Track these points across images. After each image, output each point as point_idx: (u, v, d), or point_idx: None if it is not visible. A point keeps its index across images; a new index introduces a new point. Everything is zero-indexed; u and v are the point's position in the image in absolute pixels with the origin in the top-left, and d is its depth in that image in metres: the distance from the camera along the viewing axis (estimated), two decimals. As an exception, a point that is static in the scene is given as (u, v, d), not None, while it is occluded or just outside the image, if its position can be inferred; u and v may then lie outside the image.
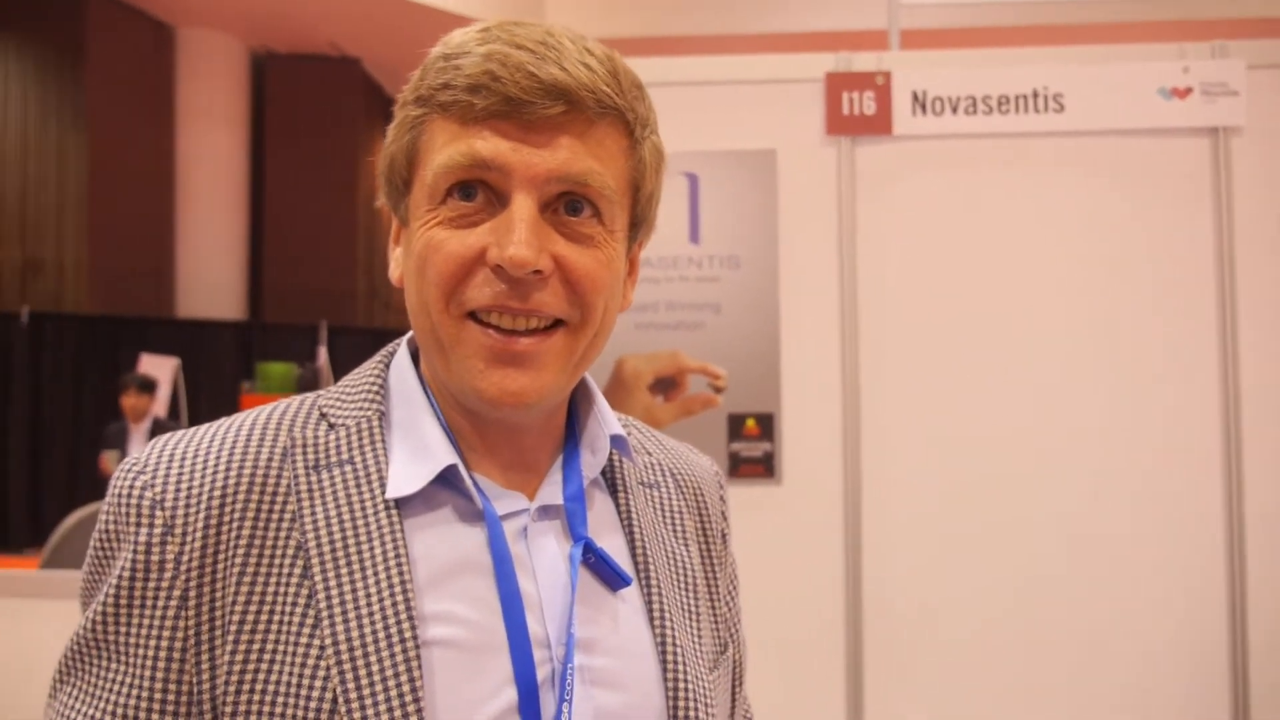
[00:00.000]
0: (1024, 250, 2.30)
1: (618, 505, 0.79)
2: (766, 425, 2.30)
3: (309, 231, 9.57)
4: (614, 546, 0.76)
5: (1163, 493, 2.23)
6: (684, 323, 2.34)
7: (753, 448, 2.29)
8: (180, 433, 0.72)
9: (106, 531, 0.69)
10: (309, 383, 7.14)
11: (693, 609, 0.78)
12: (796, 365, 2.30)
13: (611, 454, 0.79)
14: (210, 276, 9.19)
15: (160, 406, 6.43)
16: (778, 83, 2.34)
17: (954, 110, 2.31)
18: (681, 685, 0.73)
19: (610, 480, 0.80)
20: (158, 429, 5.81)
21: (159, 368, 6.79)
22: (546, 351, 0.69)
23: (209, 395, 8.24)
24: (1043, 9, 2.96)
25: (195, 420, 7.59)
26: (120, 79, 8.58)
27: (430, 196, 0.69)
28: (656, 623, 0.75)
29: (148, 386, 5.90)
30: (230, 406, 7.75)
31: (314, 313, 8.87)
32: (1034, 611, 2.22)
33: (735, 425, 2.30)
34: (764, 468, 2.29)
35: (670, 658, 0.74)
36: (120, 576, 0.67)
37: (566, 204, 0.69)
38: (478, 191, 0.68)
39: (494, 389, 0.68)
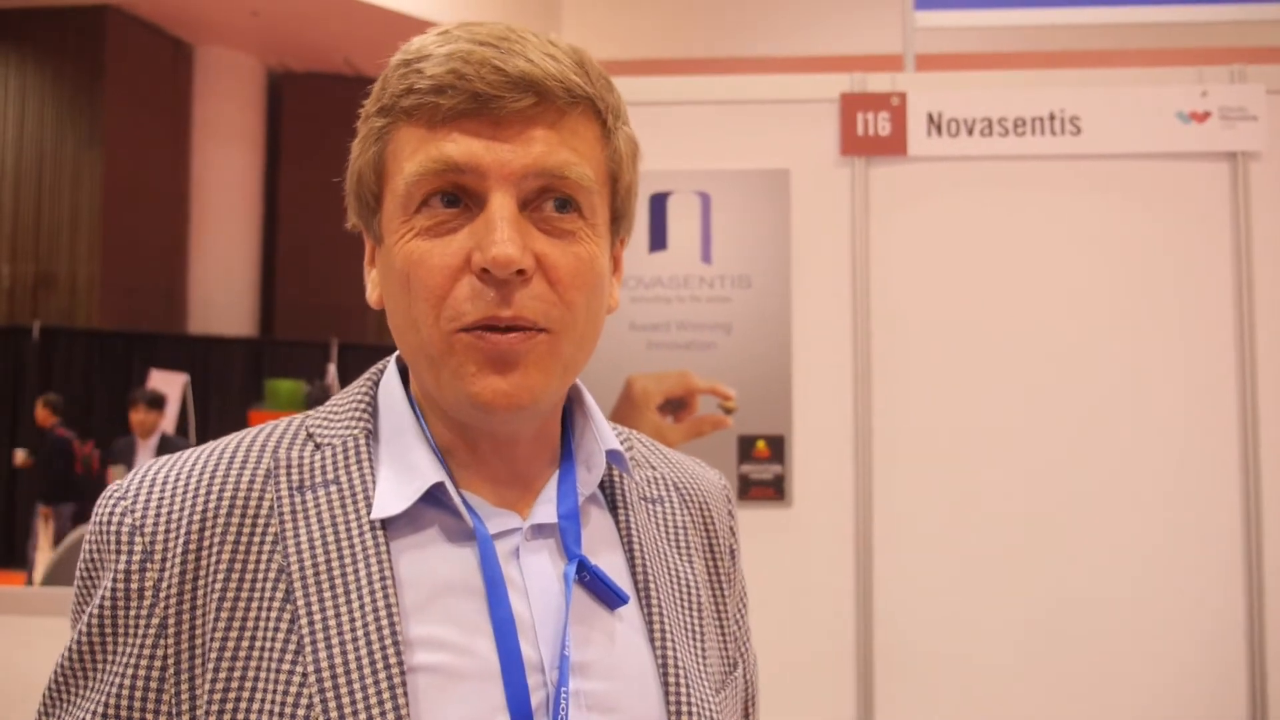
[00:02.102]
0: (1039, 274, 2.27)
1: (617, 522, 0.76)
2: (777, 447, 2.27)
3: (322, 249, 9.60)
4: (612, 564, 0.73)
5: (1180, 516, 2.19)
6: (695, 343, 2.31)
7: (763, 470, 2.26)
8: (165, 458, 0.70)
9: (89, 559, 0.67)
10: (318, 400, 7.13)
11: (696, 628, 0.75)
12: (808, 387, 2.28)
13: (611, 469, 0.77)
14: (222, 293, 9.23)
15: (169, 423, 6.43)
16: (792, 103, 2.33)
17: (969, 132, 2.29)
18: (685, 708, 0.70)
19: (610, 496, 0.77)
20: (165, 445, 5.81)
21: (168, 384, 6.79)
22: (531, 352, 0.66)
23: (218, 411, 8.25)
24: (1058, 35, 2.95)
25: (203, 437, 7.61)
26: (138, 96, 8.67)
27: (404, 207, 0.67)
28: (657, 643, 0.71)
29: (156, 403, 5.90)
30: (239, 422, 7.77)
31: (325, 330, 8.89)
32: (1048, 632, 2.18)
33: (745, 447, 2.27)
34: (774, 490, 2.26)
35: (672, 679, 0.71)
36: (101, 604, 0.65)
37: (546, 200, 0.67)
38: (453, 197, 0.66)
39: (488, 392, 0.66)
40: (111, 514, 0.66)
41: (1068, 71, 2.36)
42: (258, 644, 0.63)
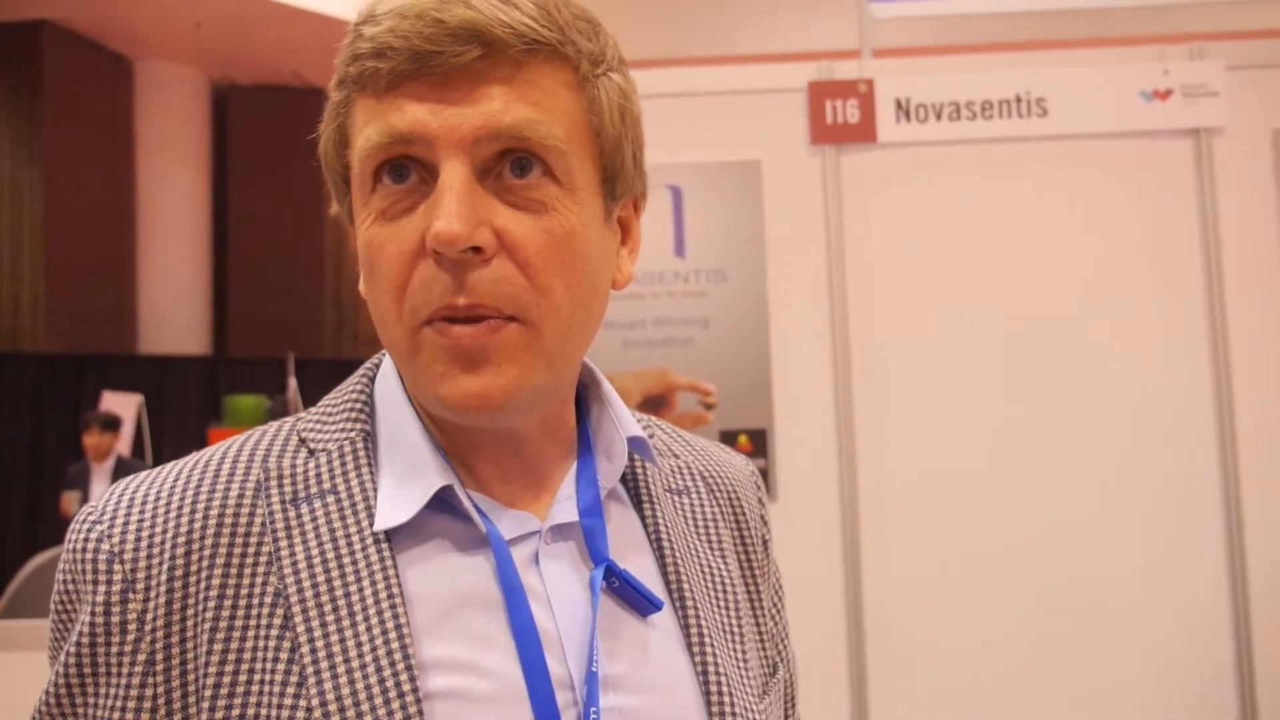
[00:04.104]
0: (1013, 255, 2.28)
1: (643, 518, 0.70)
2: (759, 441, 2.25)
3: (274, 264, 9.45)
4: (641, 566, 0.67)
5: (1160, 496, 2.20)
6: (672, 339, 2.28)
7: (746, 464, 2.23)
8: (143, 474, 0.64)
9: (64, 591, 0.61)
10: (279, 416, 6.99)
11: (735, 630, 0.70)
12: (788, 379, 2.25)
13: (634, 460, 0.71)
14: (173, 312, 9.04)
15: (124, 445, 6.26)
16: (760, 93, 2.31)
17: (938, 116, 2.29)
18: (729, 719, 0.65)
19: (634, 490, 0.71)
20: (121, 468, 5.65)
21: (122, 405, 6.62)
22: (501, 346, 0.59)
23: (174, 432, 8.06)
24: (1015, 26, 2.96)
25: (159, 459, 7.42)
26: (77, 112, 8.45)
27: (361, 188, 0.61)
28: (696, 650, 0.66)
29: (111, 425, 5.74)
30: (196, 442, 7.58)
31: (280, 346, 8.72)
32: (1036, 623, 2.18)
33: (727, 442, 2.25)
34: (758, 484, 2.23)
35: (714, 689, 0.65)
36: (80, 641, 0.59)
37: (511, 164, 0.59)
38: (409, 171, 0.59)
39: (456, 393, 0.59)
40: (86, 540, 0.60)
41: (1032, 54, 2.38)
42: (256, 676, 0.57)
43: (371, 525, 0.61)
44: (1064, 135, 2.28)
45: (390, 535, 0.61)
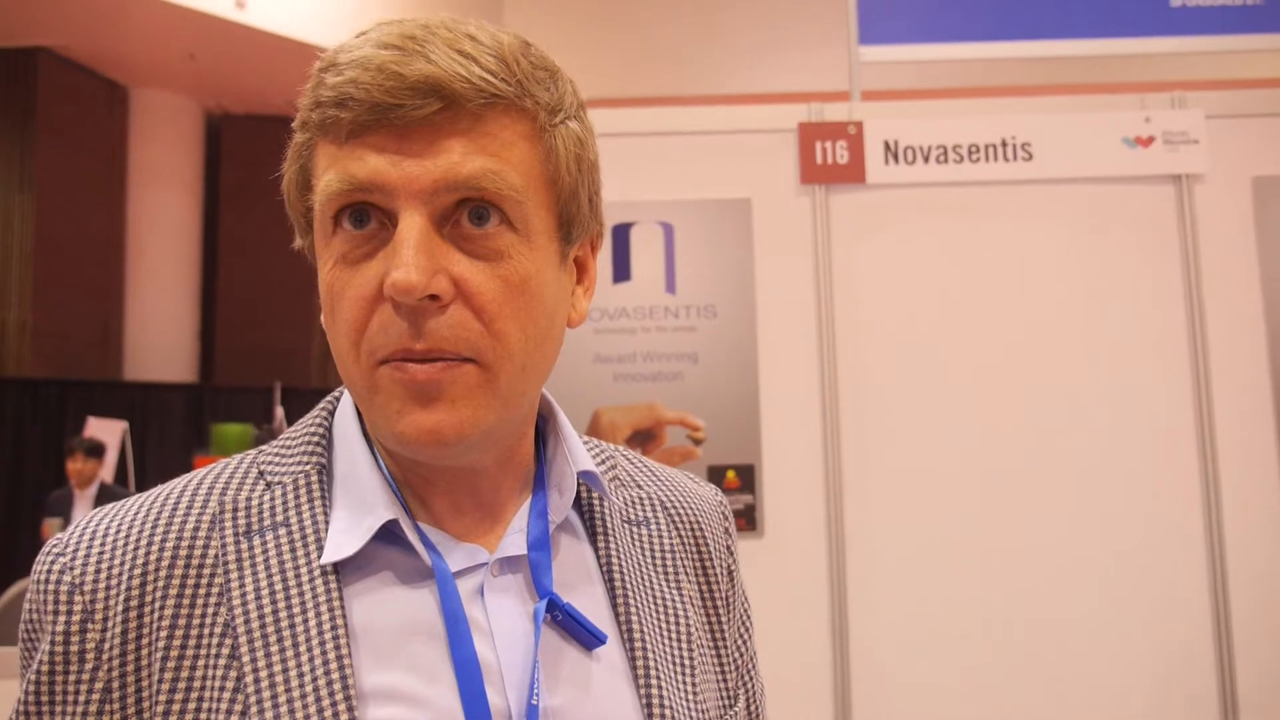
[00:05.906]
0: (998, 296, 2.31)
1: (596, 550, 0.71)
2: (747, 477, 2.26)
3: (263, 292, 9.43)
4: (591, 598, 0.68)
5: (1146, 534, 2.22)
6: (661, 373, 2.30)
7: (734, 500, 2.25)
8: (109, 506, 0.66)
9: (30, 621, 0.63)
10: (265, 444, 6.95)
11: (686, 662, 0.70)
12: (776, 415, 2.27)
13: (592, 492, 0.72)
14: (160, 339, 9.01)
15: (107, 472, 6.21)
16: (752, 133, 2.35)
17: (925, 159, 2.33)
18: None
19: (589, 522, 0.72)
20: (104, 495, 5.60)
21: (107, 432, 6.58)
22: (455, 384, 0.60)
23: (158, 460, 8.01)
24: (1002, 72, 3.02)
25: (143, 486, 7.35)
26: (71, 139, 8.47)
27: (322, 231, 0.62)
28: (641, 682, 0.66)
29: (95, 451, 5.69)
30: (181, 470, 7.53)
31: (267, 374, 8.70)
32: (1023, 657, 2.19)
33: (715, 477, 2.26)
34: (746, 520, 2.24)
35: None
36: (40, 669, 0.61)
37: (469, 213, 0.60)
38: (369, 216, 0.60)
39: (412, 429, 0.60)
40: (50, 571, 0.62)
41: (1018, 100, 2.42)
42: (205, 706, 0.59)
43: (320, 558, 0.62)
44: (1048, 179, 2.33)
45: (339, 568, 0.63)
